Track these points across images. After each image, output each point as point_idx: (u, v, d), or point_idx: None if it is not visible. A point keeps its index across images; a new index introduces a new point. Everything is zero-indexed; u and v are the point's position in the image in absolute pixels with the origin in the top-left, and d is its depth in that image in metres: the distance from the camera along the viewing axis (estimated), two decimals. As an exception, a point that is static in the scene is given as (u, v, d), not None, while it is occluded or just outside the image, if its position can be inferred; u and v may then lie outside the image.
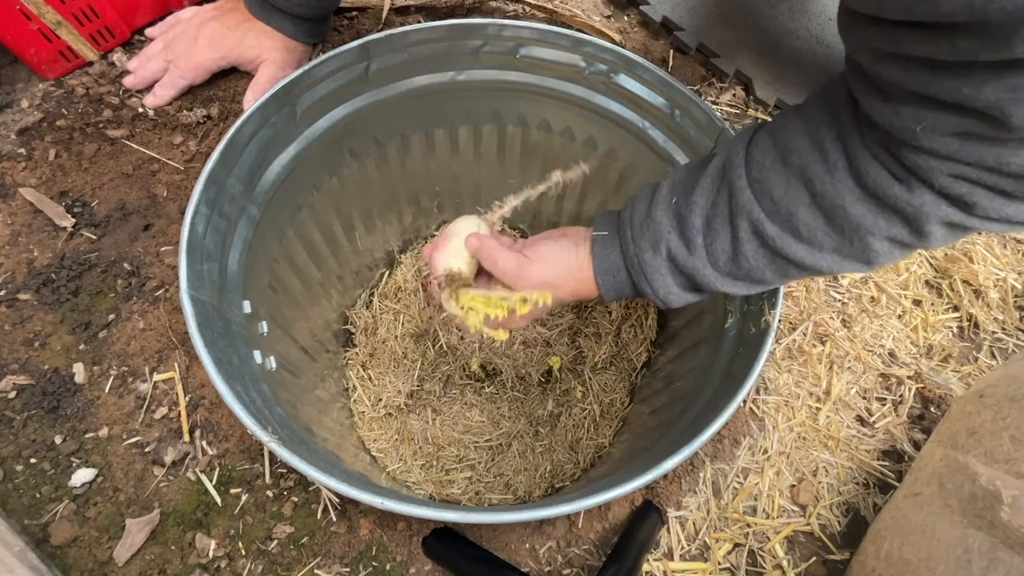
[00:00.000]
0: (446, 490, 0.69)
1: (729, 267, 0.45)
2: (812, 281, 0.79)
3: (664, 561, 0.61)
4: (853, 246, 0.40)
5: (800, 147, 0.40)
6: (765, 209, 0.42)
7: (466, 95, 0.69)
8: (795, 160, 0.40)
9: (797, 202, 0.40)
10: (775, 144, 0.42)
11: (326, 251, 0.72)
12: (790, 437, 0.69)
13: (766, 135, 0.43)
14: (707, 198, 0.45)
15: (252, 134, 0.57)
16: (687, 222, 0.45)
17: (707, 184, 0.45)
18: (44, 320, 0.66)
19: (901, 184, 0.36)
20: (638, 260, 0.48)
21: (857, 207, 0.38)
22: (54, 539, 0.57)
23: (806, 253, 0.42)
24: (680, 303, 0.49)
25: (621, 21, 1.01)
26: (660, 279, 0.47)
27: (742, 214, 0.43)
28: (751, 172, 0.43)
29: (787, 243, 0.42)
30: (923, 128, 0.33)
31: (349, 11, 0.93)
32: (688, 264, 0.46)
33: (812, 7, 1.04)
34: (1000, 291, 0.80)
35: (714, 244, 0.44)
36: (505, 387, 0.76)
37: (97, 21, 0.79)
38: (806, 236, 0.41)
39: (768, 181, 0.41)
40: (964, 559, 0.48)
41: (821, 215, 0.40)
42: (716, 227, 0.44)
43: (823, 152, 0.39)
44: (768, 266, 0.44)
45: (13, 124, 0.77)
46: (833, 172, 0.39)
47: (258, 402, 0.49)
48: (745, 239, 0.43)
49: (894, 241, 0.39)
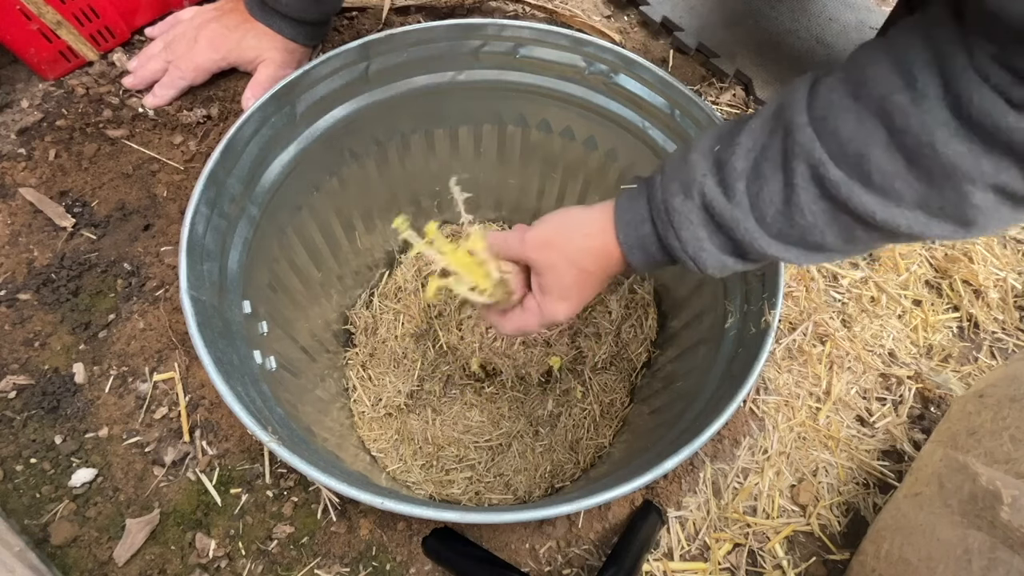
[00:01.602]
0: (446, 490, 0.69)
1: (779, 223, 0.37)
2: (812, 281, 0.79)
3: (664, 561, 0.61)
4: (944, 197, 0.32)
5: (878, 75, 0.32)
6: (829, 151, 0.34)
7: (466, 95, 0.69)
8: (871, 90, 0.32)
9: (870, 141, 0.32)
10: (847, 77, 0.34)
11: (326, 251, 0.72)
12: (790, 437, 0.69)
13: (837, 69, 0.35)
14: (755, 140, 0.37)
15: (252, 134, 0.57)
16: (727, 165, 0.37)
17: (756, 126, 0.37)
18: (44, 320, 0.66)
19: (1020, 112, 0.28)
20: (665, 207, 0.40)
21: (953, 144, 0.30)
22: (54, 539, 0.57)
23: (879, 206, 0.33)
24: (718, 268, 0.41)
25: (621, 21, 1.01)
26: (690, 230, 0.39)
27: (799, 155, 0.34)
28: (814, 111, 0.35)
29: (855, 192, 0.33)
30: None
31: (349, 11, 0.93)
32: (726, 214, 0.37)
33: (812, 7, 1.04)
34: (1000, 291, 0.80)
35: (761, 192, 0.36)
36: (505, 387, 0.76)
37: (97, 21, 0.80)
38: (880, 183, 0.33)
39: (835, 119, 0.33)
40: (964, 559, 0.48)
41: (902, 157, 0.32)
42: (765, 172, 0.36)
43: (909, 77, 0.31)
44: (829, 224, 0.35)
45: (13, 124, 0.77)
46: (921, 101, 0.31)
47: (258, 402, 0.49)
48: (802, 186, 0.35)
49: (1004, 192, 0.31)
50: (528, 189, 0.80)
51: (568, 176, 0.77)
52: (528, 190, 0.81)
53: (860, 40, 1.01)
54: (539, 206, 0.82)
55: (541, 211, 0.83)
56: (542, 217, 0.48)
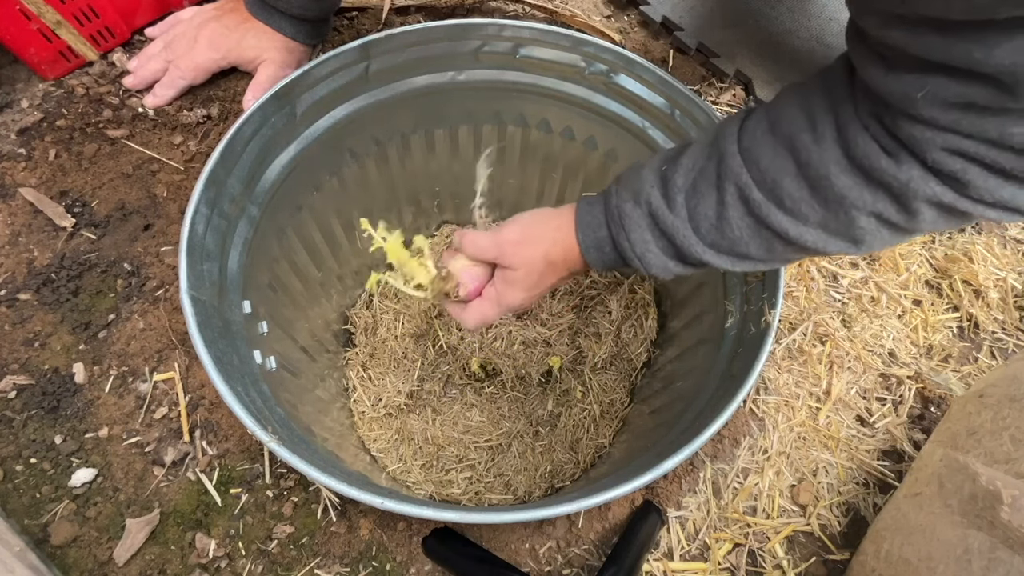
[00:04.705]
0: (446, 490, 0.69)
1: (713, 235, 0.43)
2: (812, 281, 0.79)
3: (664, 561, 0.61)
4: (839, 220, 0.39)
5: (790, 116, 0.40)
6: (753, 176, 0.41)
7: (466, 95, 0.69)
8: (784, 129, 0.40)
9: (783, 171, 0.39)
10: (767, 115, 0.42)
11: (326, 251, 0.72)
12: (790, 437, 0.69)
13: (761, 109, 0.43)
14: (694, 161, 0.44)
15: (252, 134, 0.57)
16: (670, 181, 0.44)
17: (696, 151, 0.44)
18: (44, 320, 0.66)
19: (889, 157, 0.36)
20: (618, 212, 0.46)
21: (842, 178, 0.37)
22: (54, 539, 0.57)
23: (791, 225, 0.40)
24: (662, 270, 0.47)
25: (621, 21, 1.01)
26: (638, 232, 0.46)
27: (729, 177, 0.41)
28: (742, 141, 0.42)
29: (772, 212, 0.40)
30: (924, 95, 0.32)
31: (349, 11, 0.93)
32: (668, 223, 0.44)
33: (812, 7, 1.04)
34: (1000, 291, 0.80)
35: (698, 207, 0.43)
36: (505, 387, 0.76)
37: (97, 21, 0.80)
38: (791, 207, 0.40)
39: (756, 150, 0.41)
40: (964, 559, 0.48)
41: (806, 185, 0.39)
42: (701, 190, 0.43)
43: (812, 121, 0.39)
44: (753, 237, 0.42)
45: (13, 124, 0.77)
46: (820, 142, 0.38)
47: (258, 402, 0.49)
48: (731, 203, 0.42)
49: (880, 219, 0.38)
50: (528, 189, 0.80)
51: (568, 176, 0.77)
52: (528, 190, 0.81)
53: (860, 40, 1.01)
54: (539, 206, 0.82)
55: (540, 211, 0.83)
56: (511, 218, 0.53)
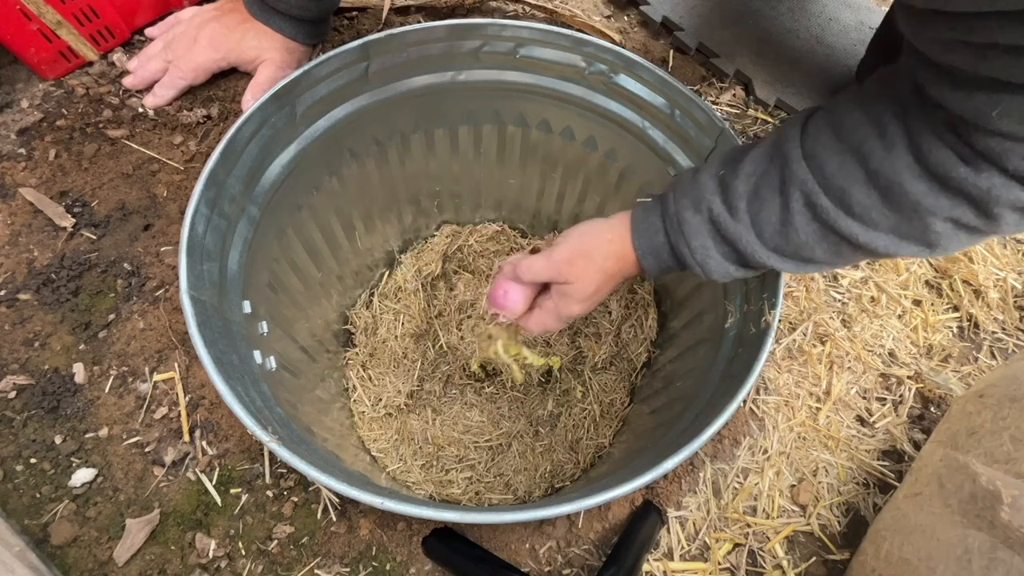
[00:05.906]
0: (446, 490, 0.69)
1: (776, 240, 0.43)
2: (812, 281, 0.79)
3: (664, 561, 0.61)
4: (912, 225, 0.38)
5: (856, 122, 0.39)
6: (819, 182, 0.40)
7: (466, 95, 0.69)
8: (850, 135, 0.39)
9: (851, 177, 0.39)
10: (830, 120, 0.41)
11: (326, 251, 0.72)
12: (790, 437, 0.69)
13: (822, 112, 0.42)
14: (755, 166, 0.43)
15: (252, 134, 0.57)
16: (731, 187, 0.43)
17: (758, 155, 0.43)
18: (44, 320, 0.66)
19: (967, 166, 0.35)
20: (678, 219, 0.46)
21: (916, 185, 0.37)
22: (54, 539, 0.57)
23: (861, 230, 0.39)
24: (723, 274, 0.47)
25: (621, 21, 1.01)
26: (699, 239, 0.45)
27: (795, 183, 0.41)
28: (805, 146, 0.41)
29: (840, 218, 0.40)
30: (999, 112, 0.32)
31: (349, 11, 0.93)
32: (731, 229, 0.43)
33: (812, 7, 1.04)
34: (1000, 291, 0.80)
35: (760, 213, 0.42)
36: (505, 387, 0.76)
37: (97, 21, 0.80)
38: (860, 213, 0.39)
39: (821, 156, 0.40)
40: (964, 559, 0.48)
41: (876, 191, 0.38)
42: (764, 195, 0.42)
43: (881, 127, 0.38)
44: (820, 242, 0.41)
45: (13, 124, 0.77)
46: (891, 149, 0.37)
47: (258, 402, 0.49)
48: (797, 210, 0.41)
49: (958, 223, 0.37)
50: (528, 189, 0.80)
51: (568, 176, 0.77)
52: (528, 190, 0.81)
53: (860, 40, 1.01)
54: (539, 206, 0.82)
55: (541, 211, 0.83)
56: (561, 235, 0.53)
